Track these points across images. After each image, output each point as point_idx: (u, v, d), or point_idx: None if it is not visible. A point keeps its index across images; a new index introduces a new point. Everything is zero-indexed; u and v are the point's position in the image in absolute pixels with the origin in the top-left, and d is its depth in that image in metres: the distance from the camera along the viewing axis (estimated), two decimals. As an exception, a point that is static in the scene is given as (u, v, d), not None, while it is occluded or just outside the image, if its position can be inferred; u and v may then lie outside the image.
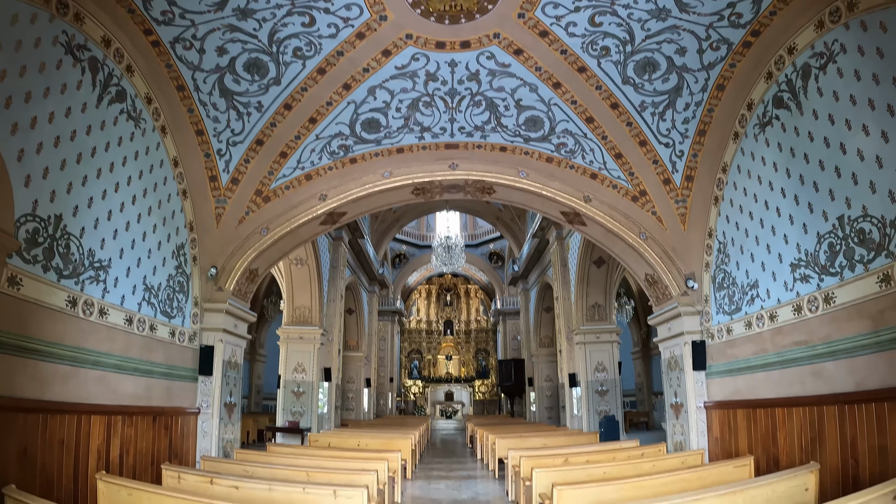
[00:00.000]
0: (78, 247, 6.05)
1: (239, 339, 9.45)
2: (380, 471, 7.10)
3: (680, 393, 8.80)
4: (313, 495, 5.37)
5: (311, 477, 6.54)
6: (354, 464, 7.67)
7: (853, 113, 5.55)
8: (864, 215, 5.49)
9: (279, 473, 6.73)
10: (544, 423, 19.40)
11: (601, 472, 6.78)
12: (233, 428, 9.10)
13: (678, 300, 8.87)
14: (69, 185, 5.87)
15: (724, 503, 4.57)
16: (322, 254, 15.97)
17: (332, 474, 6.59)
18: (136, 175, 7.19)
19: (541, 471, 6.59)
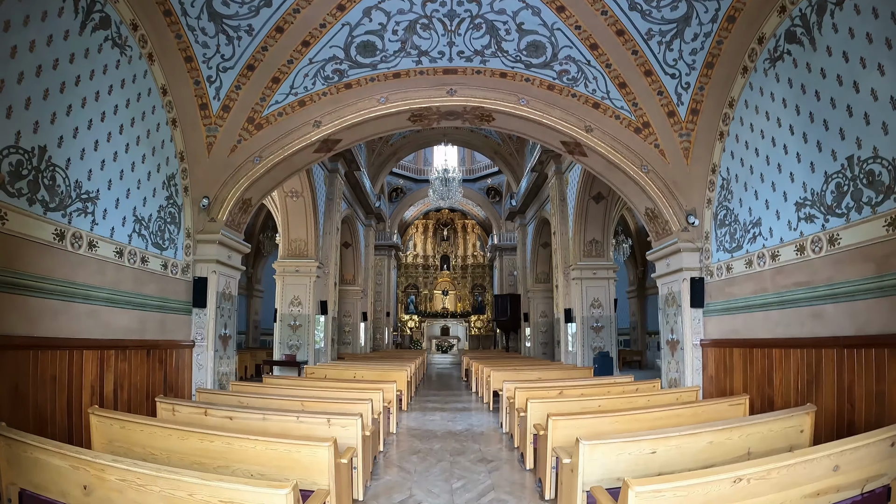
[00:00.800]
0: (64, 178, 5.85)
1: (233, 271, 9.30)
2: (374, 401, 7.09)
3: (676, 330, 8.74)
4: (307, 424, 5.35)
5: (306, 407, 6.53)
6: (349, 394, 7.67)
7: (869, 51, 5.26)
8: (875, 157, 5.26)
9: (274, 404, 6.71)
10: (539, 358, 19.62)
11: (596, 405, 6.78)
12: (228, 360, 9.07)
13: (678, 236, 8.68)
14: (53, 116, 5.63)
15: (720, 439, 4.51)
16: (318, 186, 15.66)
17: (326, 404, 6.57)
18: (122, 104, 6.90)
19: (535, 402, 6.58)
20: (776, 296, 6.87)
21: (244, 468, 4.28)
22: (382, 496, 5.58)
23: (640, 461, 4.26)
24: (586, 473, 4.16)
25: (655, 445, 4.31)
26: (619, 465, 4.23)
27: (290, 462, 4.18)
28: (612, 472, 4.23)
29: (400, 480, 6.15)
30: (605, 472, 4.21)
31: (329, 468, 4.11)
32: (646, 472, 4.27)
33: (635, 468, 4.26)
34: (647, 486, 2.89)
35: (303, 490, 3.92)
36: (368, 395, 7.10)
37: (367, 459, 5.89)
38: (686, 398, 7.20)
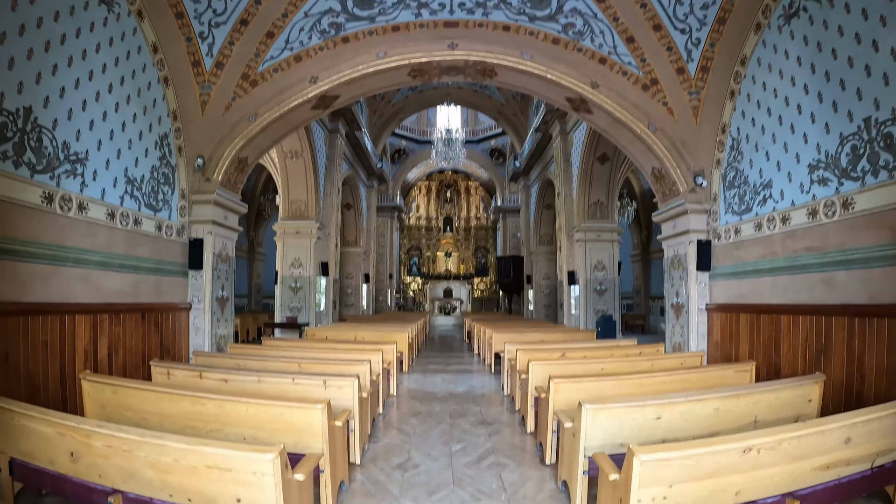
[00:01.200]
0: (51, 140, 5.67)
1: (230, 232, 9.12)
2: (373, 362, 7.02)
3: (681, 293, 8.58)
4: (303, 386, 5.30)
5: (304, 368, 6.46)
6: (348, 355, 7.58)
7: (889, 8, 5.00)
8: (894, 119, 5.05)
9: (271, 365, 6.65)
10: (542, 321, 19.58)
11: (598, 368, 6.68)
12: (226, 323, 8.97)
13: (685, 197, 8.44)
14: (38, 76, 5.44)
15: (727, 406, 4.40)
16: (318, 146, 15.37)
17: (324, 365, 6.49)
18: (111, 63, 6.66)
19: (537, 364, 6.48)
20: (786, 260, 6.69)
21: (237, 432, 4.19)
22: (380, 459, 5.52)
23: (644, 427, 4.15)
24: (588, 438, 4.05)
25: (660, 411, 4.20)
26: (622, 430, 4.12)
27: (284, 425, 4.09)
28: (615, 437, 4.12)
29: (399, 443, 6.09)
30: (608, 438, 4.11)
31: (322, 431, 4.02)
32: (649, 438, 4.16)
33: (639, 434, 4.15)
34: (653, 455, 2.77)
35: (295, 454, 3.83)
36: (367, 357, 7.01)
37: (365, 422, 5.81)
38: (691, 363, 7.09)
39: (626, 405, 4.09)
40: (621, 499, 2.96)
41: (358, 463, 5.32)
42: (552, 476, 4.99)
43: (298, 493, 3.13)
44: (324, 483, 4.04)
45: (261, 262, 25.45)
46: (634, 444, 4.16)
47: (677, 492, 2.89)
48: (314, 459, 3.47)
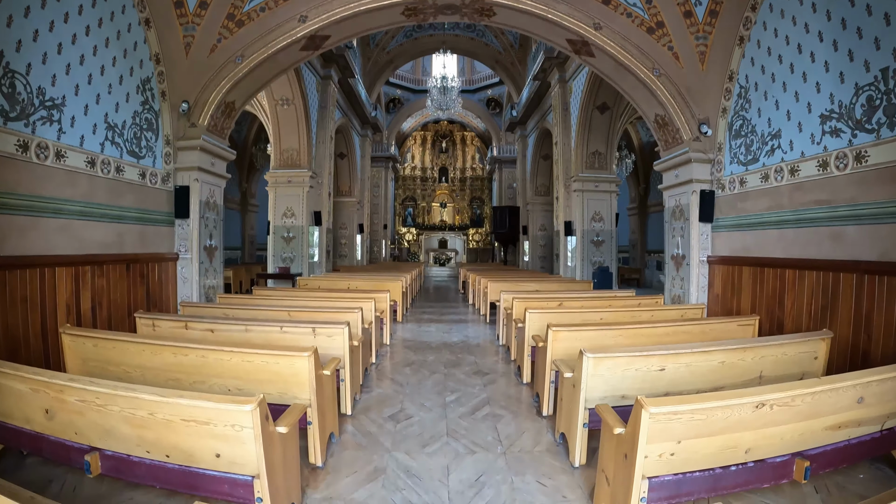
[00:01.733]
0: (25, 85, 5.34)
1: (217, 179, 8.79)
2: (365, 310, 6.86)
3: (682, 245, 8.38)
4: (291, 335, 5.14)
5: (293, 317, 6.32)
6: (340, 303, 7.43)
7: None
8: (914, 69, 4.72)
9: (260, 314, 6.49)
10: (537, 272, 19.47)
11: (597, 318, 6.54)
12: (215, 273, 8.74)
13: (689, 145, 8.13)
14: (9, 19, 5.08)
15: (732, 359, 4.25)
16: (310, 93, 14.87)
17: (315, 314, 6.34)
18: (87, 4, 6.24)
19: (535, 312, 6.33)
20: (793, 213, 6.45)
21: (221, 383, 4.02)
22: (373, 410, 5.39)
23: (647, 378, 4.01)
24: (589, 389, 3.91)
25: (664, 362, 4.05)
26: (623, 381, 3.98)
27: (269, 375, 3.92)
28: (617, 389, 3.98)
29: (392, 393, 5.98)
30: (610, 389, 3.97)
31: (310, 381, 3.86)
32: (652, 390, 4.02)
33: (641, 386, 4.01)
34: (663, 408, 2.61)
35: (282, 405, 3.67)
36: (359, 305, 6.84)
37: (357, 371, 5.67)
38: (691, 315, 6.94)
39: (629, 355, 3.93)
40: (626, 454, 2.81)
41: (349, 414, 5.20)
42: (549, 428, 4.88)
43: (282, 447, 2.96)
44: (311, 435, 3.89)
45: (254, 214, 25.08)
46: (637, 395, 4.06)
47: (686, 448, 2.74)
48: (298, 411, 3.29)
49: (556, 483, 3.75)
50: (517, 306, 7.43)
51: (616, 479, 2.97)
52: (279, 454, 2.91)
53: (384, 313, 8.56)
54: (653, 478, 2.75)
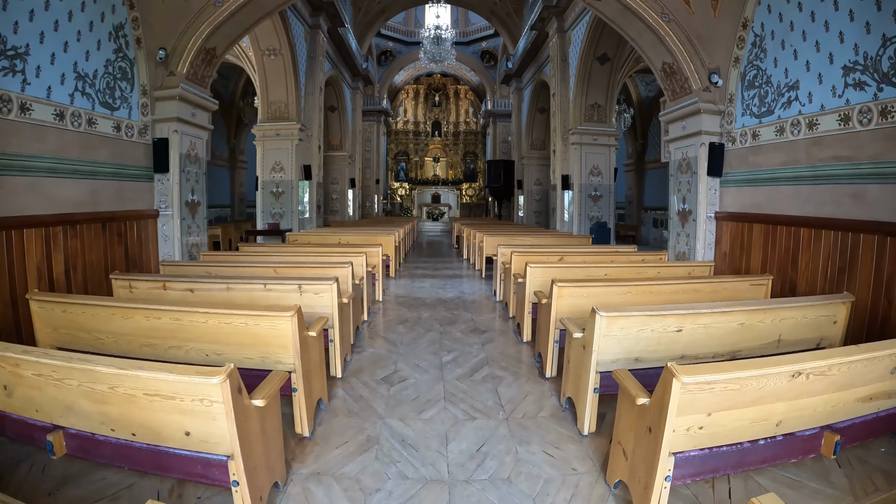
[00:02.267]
0: None
1: (199, 130, 8.28)
2: (356, 265, 6.55)
3: (689, 199, 8.01)
4: (276, 292, 4.80)
5: (279, 273, 6.00)
6: (330, 258, 7.08)
7: None
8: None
9: (245, 272, 6.15)
10: (533, 226, 19.15)
11: (602, 273, 6.24)
12: (198, 230, 8.33)
13: (699, 95, 7.67)
14: None
15: (752, 321, 3.94)
16: (298, 43, 14.17)
17: (302, 269, 6.01)
18: None
19: (536, 267, 6.00)
20: (810, 169, 6.07)
21: (199, 348, 3.70)
22: (365, 371, 5.12)
23: (662, 340, 3.72)
24: (601, 351, 3.62)
25: (682, 322, 3.74)
26: (638, 343, 3.69)
27: (250, 338, 3.60)
28: (631, 351, 3.70)
29: (385, 353, 5.70)
30: (623, 351, 3.68)
31: (293, 343, 3.54)
32: (668, 353, 3.74)
33: (657, 348, 3.73)
34: (697, 377, 2.30)
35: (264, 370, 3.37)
36: (349, 260, 6.51)
37: (347, 331, 5.37)
38: (699, 273, 6.64)
39: (645, 314, 3.63)
40: (650, 428, 2.52)
41: (339, 377, 4.92)
42: (553, 391, 4.62)
43: (260, 421, 2.65)
44: (297, 403, 3.60)
45: (243, 171, 24.41)
46: (652, 359, 3.78)
47: (715, 421, 2.45)
48: (279, 379, 2.96)
49: (564, 453, 3.48)
50: (516, 261, 7.11)
51: (636, 454, 2.69)
52: (256, 430, 2.60)
53: (376, 268, 8.25)
54: (678, 453, 2.47)
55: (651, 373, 3.68)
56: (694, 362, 3.83)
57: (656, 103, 21.43)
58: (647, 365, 3.80)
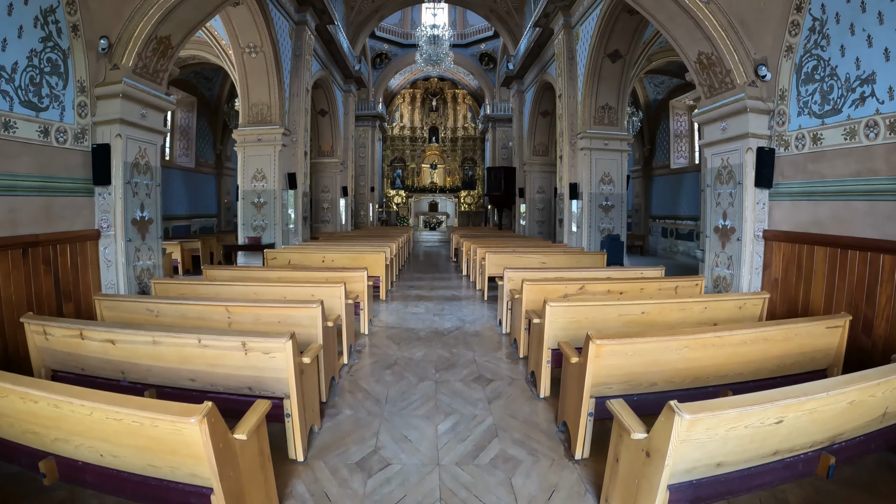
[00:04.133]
0: None
1: (150, 134, 7.00)
2: (333, 298, 5.35)
3: (732, 215, 6.77)
4: (213, 350, 3.60)
5: (233, 314, 4.74)
6: (303, 290, 5.82)
7: None
8: None
9: (191, 311, 4.90)
10: (536, 238, 17.93)
11: (638, 312, 4.98)
12: (150, 252, 7.06)
13: (745, 90, 6.45)
14: None
15: (862, 398, 2.74)
16: (282, 40, 12.96)
17: (260, 309, 4.73)
18: None
19: (557, 306, 4.72)
20: (892, 181, 4.86)
21: (88, 445, 2.52)
22: (336, 449, 3.87)
23: (756, 437, 2.55)
24: (677, 461, 2.40)
25: (784, 413, 2.52)
26: (725, 445, 2.51)
27: (149, 441, 2.37)
28: (713, 455, 2.55)
29: (364, 417, 4.45)
30: (704, 457, 2.54)
31: (208, 458, 2.30)
32: (759, 452, 2.58)
33: (747, 447, 2.54)
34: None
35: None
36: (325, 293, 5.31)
37: (312, 399, 4.11)
38: (752, 308, 5.42)
39: (740, 409, 2.39)
40: None
41: (300, 461, 3.66)
42: (589, 485, 3.37)
43: None
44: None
45: (230, 178, 23.15)
46: (738, 461, 2.57)
47: None
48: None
49: None
50: (529, 291, 5.86)
51: None
52: None
53: (362, 295, 7.01)
54: None
55: (734, 476, 2.55)
56: (788, 457, 2.67)
57: (665, 106, 20.29)
58: (730, 469, 2.61)
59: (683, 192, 19.44)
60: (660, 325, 5.04)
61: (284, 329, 4.42)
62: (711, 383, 4.02)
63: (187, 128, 20.35)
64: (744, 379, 4.10)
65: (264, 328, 4.69)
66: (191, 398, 3.82)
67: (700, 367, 3.90)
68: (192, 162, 20.48)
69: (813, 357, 4.28)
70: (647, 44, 13.14)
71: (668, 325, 5.02)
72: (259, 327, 4.73)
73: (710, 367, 3.95)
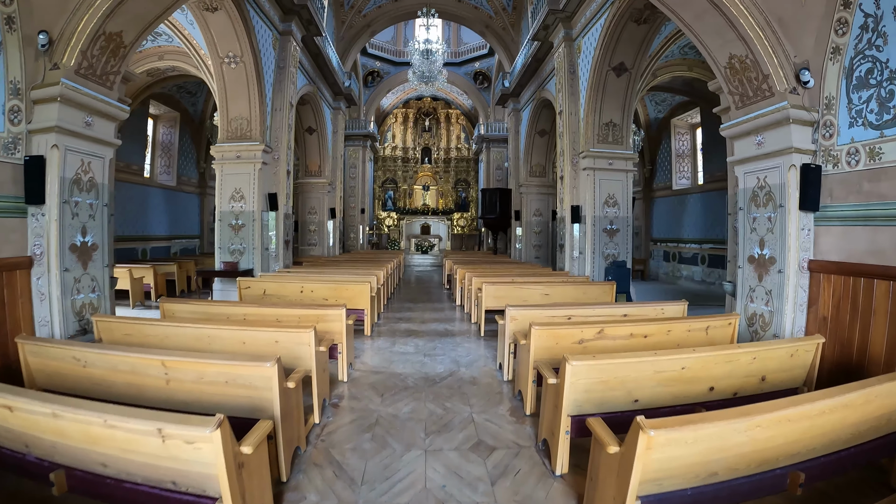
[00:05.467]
0: None
1: (97, 146, 6.01)
2: (295, 349, 4.46)
3: (771, 243, 5.83)
4: (122, 432, 2.65)
5: (170, 370, 3.79)
6: (265, 336, 4.79)
7: None
8: None
9: (124, 363, 3.95)
10: (534, 264, 17.00)
11: (678, 367, 4.02)
12: (94, 283, 6.04)
13: (787, 98, 5.57)
14: None
15: None
16: (264, 50, 12.10)
17: (205, 366, 3.74)
18: None
19: (579, 363, 3.72)
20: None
21: None
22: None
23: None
24: None
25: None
26: None
27: None
28: None
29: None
30: None
31: None
32: None
33: None
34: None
35: None
36: (294, 339, 4.37)
37: (260, 494, 3.10)
38: (804, 356, 4.49)
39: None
40: None
41: None
42: None
43: None
44: None
45: (213, 198, 22.20)
46: None
47: None
48: None
49: None
50: (539, 338, 4.88)
51: None
52: None
53: (340, 336, 6.01)
54: None
55: None
56: None
57: (666, 125, 19.56)
58: None
59: (686, 215, 18.64)
60: (703, 382, 4.09)
61: (231, 393, 3.46)
62: (780, 465, 3.09)
63: (169, 144, 19.42)
64: (816, 454, 3.19)
65: (208, 389, 3.71)
66: (103, 486, 2.88)
67: (770, 447, 2.97)
68: (174, 180, 19.52)
69: (890, 419, 3.39)
70: (652, 57, 12.36)
71: (712, 380, 4.08)
72: (202, 387, 3.74)
73: (780, 447, 3.02)
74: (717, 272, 16.86)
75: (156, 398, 3.93)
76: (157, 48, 13.87)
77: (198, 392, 3.81)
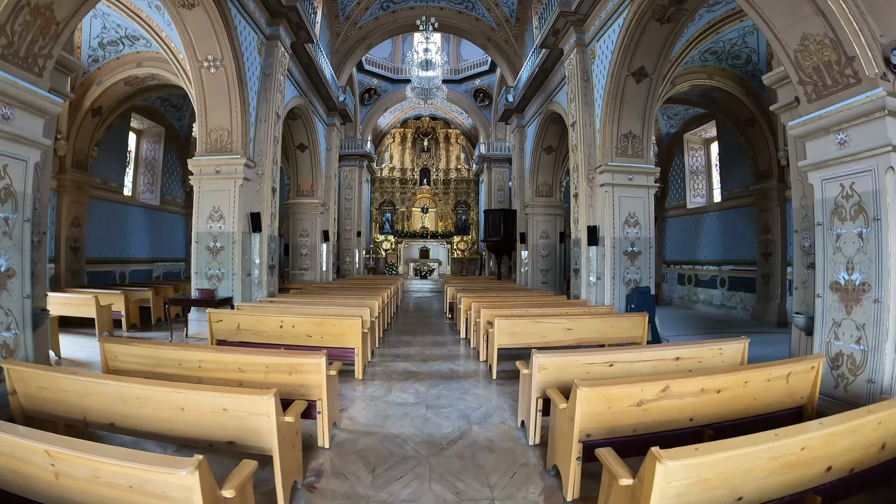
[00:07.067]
0: None
1: (17, 146, 4.75)
2: (252, 421, 3.24)
3: (862, 265, 4.61)
4: None
5: (59, 465, 2.58)
6: (213, 401, 3.50)
7: None
8: None
9: (3, 445, 2.67)
10: (542, 290, 15.74)
11: (795, 450, 2.77)
12: (11, 318, 4.76)
13: (881, 85, 4.40)
14: None
15: None
16: (247, 54, 10.99)
17: (101, 464, 2.47)
18: None
19: (674, 463, 2.41)
20: None
21: None
22: None
23: None
24: None
25: None
26: None
27: None
28: None
29: None
30: None
31: None
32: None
33: None
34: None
35: None
36: (250, 406, 3.14)
37: None
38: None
39: None
40: None
41: None
42: None
43: None
44: None
45: (199, 216, 21.02)
46: None
47: None
48: None
49: None
50: (587, 402, 3.60)
51: None
52: None
53: (320, 391, 4.71)
54: None
55: None
56: None
57: (679, 141, 18.47)
58: None
59: (703, 234, 17.47)
60: (821, 462, 2.86)
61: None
62: None
63: (152, 161, 18.28)
64: None
65: (108, 494, 2.45)
66: None
67: None
68: (157, 199, 18.36)
69: None
70: (673, 63, 11.26)
71: (831, 458, 2.84)
72: (99, 489, 2.48)
73: None
74: (739, 296, 15.65)
75: (45, 493, 2.71)
76: (134, 54, 12.81)
77: (95, 494, 2.56)
